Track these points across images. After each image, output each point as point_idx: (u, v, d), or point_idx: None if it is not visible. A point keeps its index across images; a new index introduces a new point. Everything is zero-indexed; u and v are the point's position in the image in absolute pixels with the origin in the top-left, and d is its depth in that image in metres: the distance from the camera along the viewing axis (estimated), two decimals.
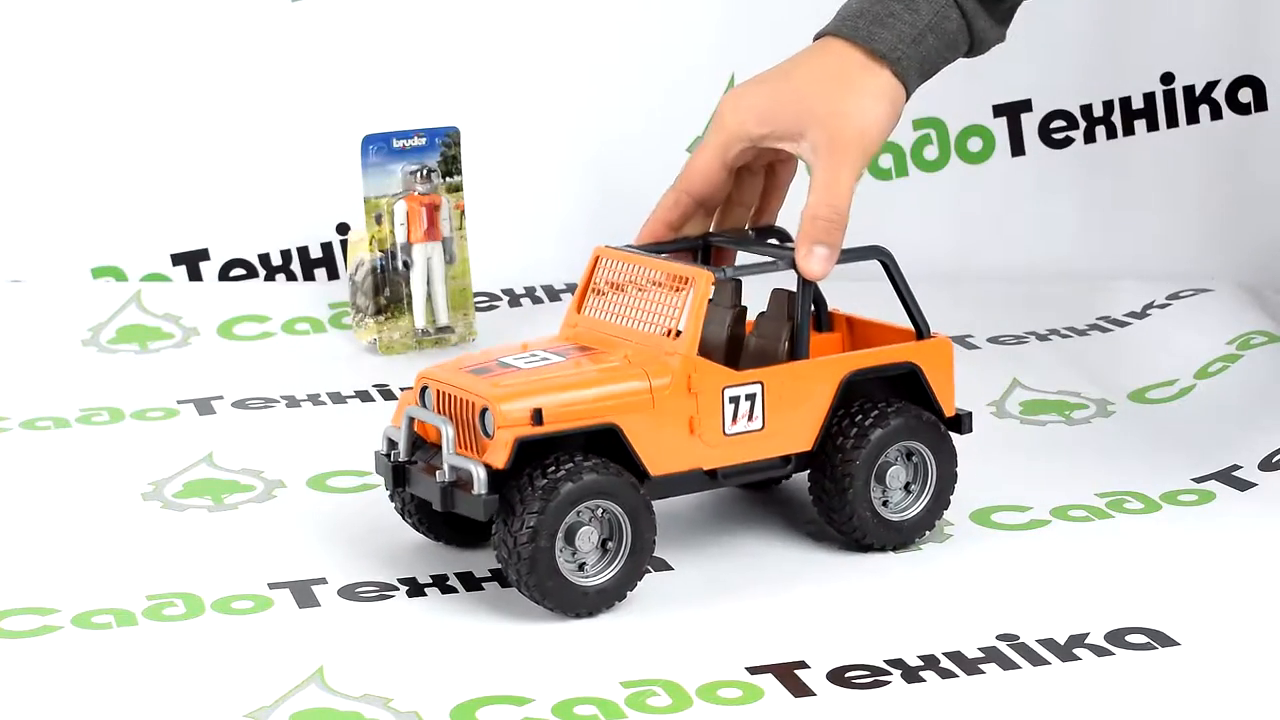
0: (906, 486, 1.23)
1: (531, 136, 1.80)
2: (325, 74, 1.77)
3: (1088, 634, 1.12)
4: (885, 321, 1.28)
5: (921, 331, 1.25)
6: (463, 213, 1.64)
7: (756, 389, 1.18)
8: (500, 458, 1.12)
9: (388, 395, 1.52)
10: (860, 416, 1.21)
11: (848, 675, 1.08)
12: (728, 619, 1.15)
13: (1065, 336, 1.66)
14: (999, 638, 1.12)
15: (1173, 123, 1.85)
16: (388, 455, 1.19)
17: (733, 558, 1.22)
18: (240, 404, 1.50)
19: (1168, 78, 1.84)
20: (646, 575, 1.20)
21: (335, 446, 1.40)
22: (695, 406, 1.17)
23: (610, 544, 1.15)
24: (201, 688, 1.06)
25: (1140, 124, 1.85)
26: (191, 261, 1.76)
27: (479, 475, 1.12)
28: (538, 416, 1.13)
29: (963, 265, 1.82)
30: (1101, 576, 1.20)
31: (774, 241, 1.27)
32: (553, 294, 1.74)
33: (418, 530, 1.23)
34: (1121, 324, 1.68)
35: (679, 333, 1.17)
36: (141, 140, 1.75)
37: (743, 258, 1.26)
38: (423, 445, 1.19)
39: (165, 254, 1.76)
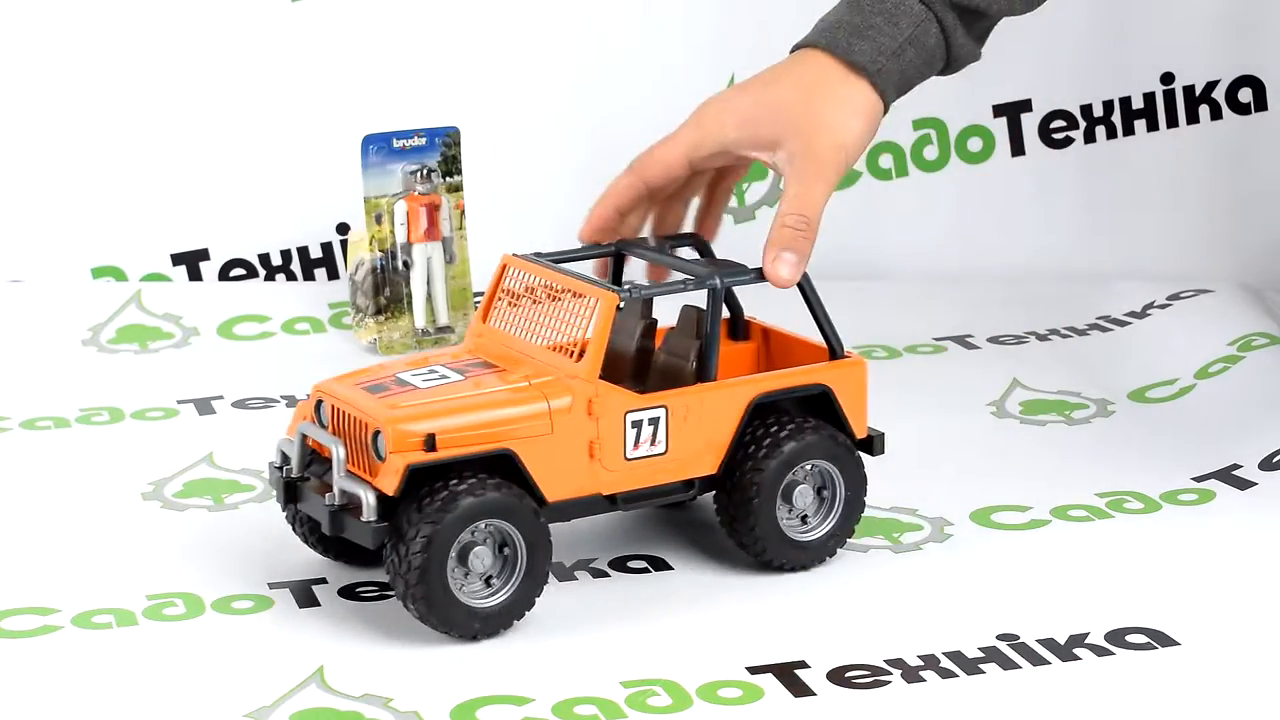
0: (817, 504, 1.20)
1: (531, 136, 1.80)
2: (325, 74, 1.77)
3: (1088, 634, 1.12)
4: (802, 336, 1.25)
5: (835, 351, 1.22)
6: (463, 213, 1.64)
7: (660, 413, 1.16)
8: (391, 484, 1.09)
9: None
10: (766, 434, 1.18)
11: (848, 675, 1.08)
12: (728, 619, 1.15)
13: (1065, 336, 1.66)
14: (999, 638, 1.12)
15: (1173, 123, 1.85)
16: (280, 469, 1.17)
17: (733, 558, 1.22)
18: (240, 404, 1.50)
19: (1168, 78, 1.84)
20: (647, 575, 1.20)
21: None
22: (596, 431, 1.14)
23: (505, 567, 1.12)
24: (201, 688, 1.06)
25: (1140, 124, 1.85)
26: (191, 261, 1.76)
27: (369, 501, 1.10)
28: (430, 442, 1.10)
29: (963, 265, 1.82)
30: (1101, 576, 1.20)
31: (689, 252, 1.25)
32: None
33: (307, 545, 1.20)
34: (1121, 324, 1.68)
35: (582, 353, 1.15)
36: (141, 140, 1.75)
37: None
38: (317, 459, 1.16)
39: (165, 254, 1.76)
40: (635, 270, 1.27)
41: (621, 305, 1.15)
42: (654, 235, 1.28)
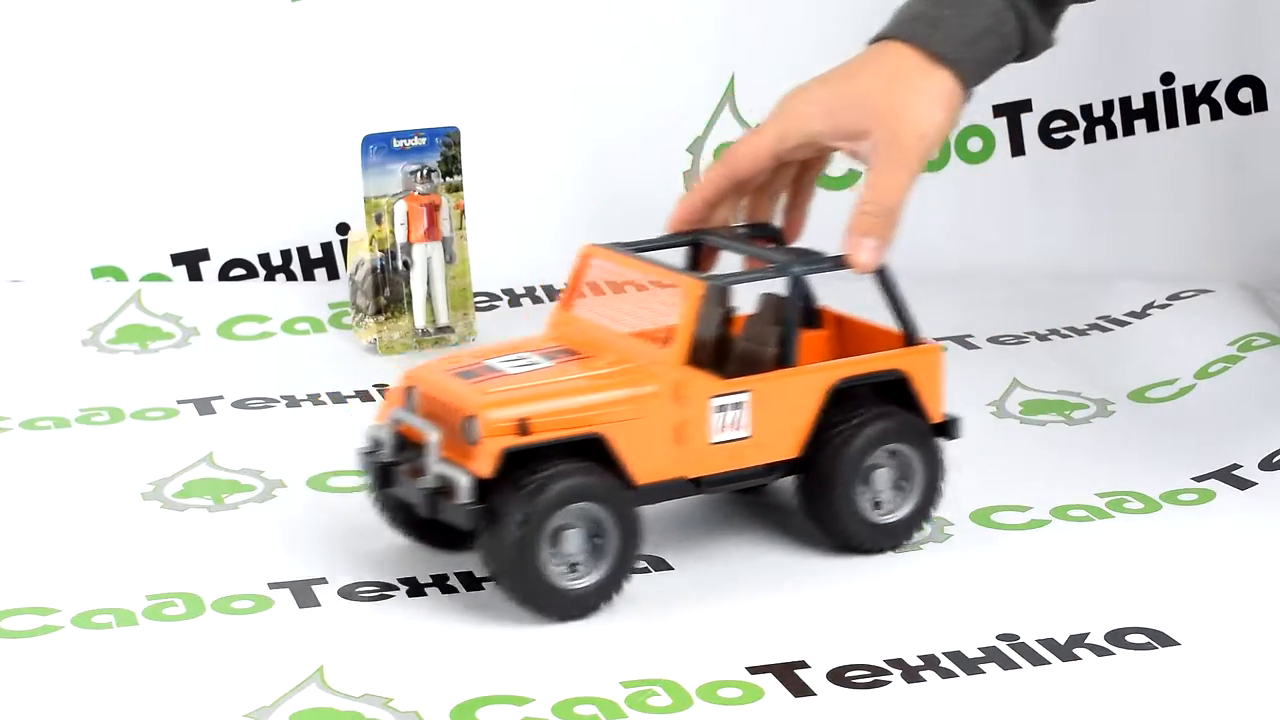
0: (895, 488, 1.23)
1: (531, 136, 1.80)
2: (325, 74, 1.77)
3: (1088, 634, 1.12)
4: (875, 322, 1.27)
5: (911, 337, 1.24)
6: (463, 213, 1.64)
7: (744, 397, 1.18)
8: (485, 467, 1.11)
9: None
10: (847, 421, 1.20)
11: (848, 675, 1.08)
12: (728, 619, 1.15)
13: (1065, 336, 1.66)
14: (999, 638, 1.12)
15: (1173, 123, 1.85)
16: (372, 454, 1.19)
17: (733, 558, 1.22)
18: (240, 404, 1.50)
19: (1168, 78, 1.84)
20: (647, 575, 1.20)
21: (335, 446, 1.40)
22: (682, 415, 1.16)
23: (596, 548, 1.14)
24: (201, 688, 1.06)
25: (1140, 124, 1.85)
26: (191, 261, 1.76)
27: (464, 484, 1.12)
28: (523, 427, 1.12)
29: (963, 265, 1.82)
30: (1101, 576, 1.21)
31: (767, 243, 1.27)
32: (552, 294, 1.73)
33: (395, 530, 1.22)
34: (1121, 324, 1.68)
35: (668, 340, 1.17)
36: (142, 140, 1.75)
37: (735, 260, 1.26)
38: (407, 445, 1.18)
39: (165, 254, 1.76)
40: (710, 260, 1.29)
41: (709, 294, 1.18)
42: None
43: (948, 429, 1.25)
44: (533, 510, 1.11)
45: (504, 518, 1.11)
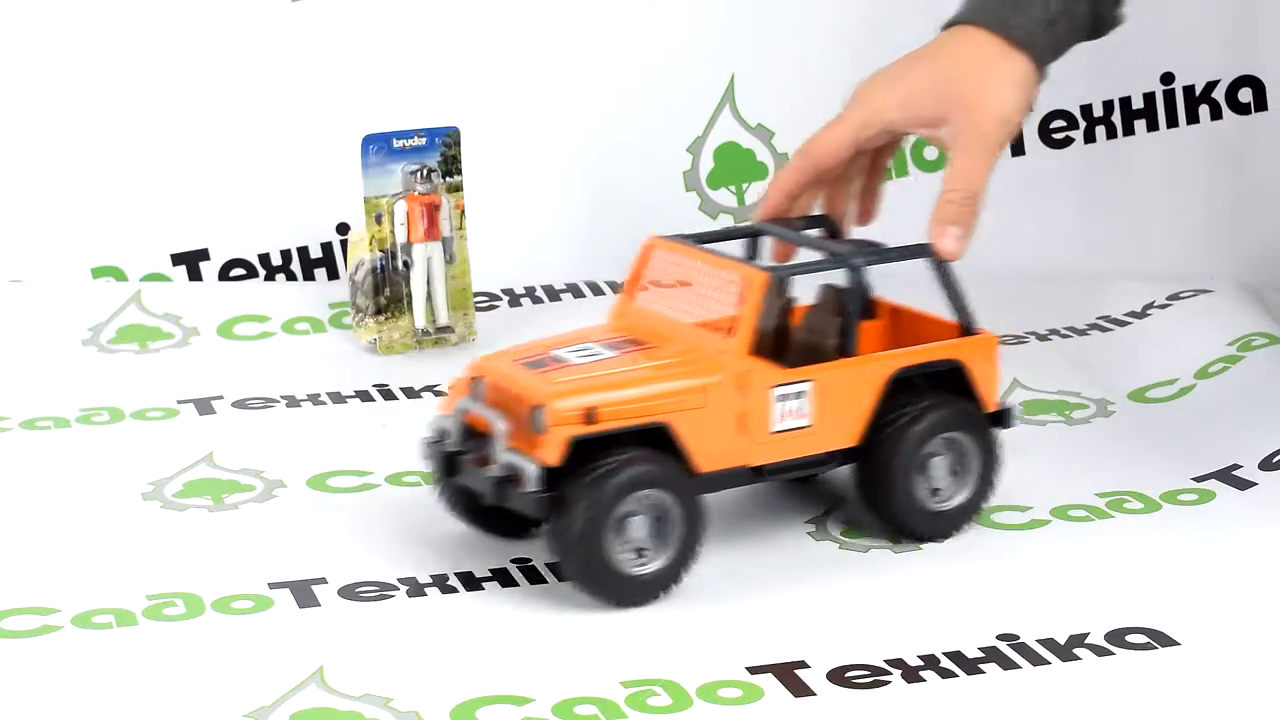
0: (951, 476, 1.24)
1: (531, 137, 1.80)
2: (325, 74, 1.77)
3: (1088, 634, 1.12)
4: (929, 313, 1.29)
5: (967, 327, 1.26)
6: (463, 213, 1.64)
7: (806, 387, 1.19)
8: (553, 455, 1.13)
9: (388, 395, 1.52)
10: (904, 410, 1.22)
11: (848, 675, 1.08)
12: (728, 619, 1.15)
13: (1065, 336, 1.66)
14: (999, 638, 1.12)
15: (1173, 123, 1.84)
16: (438, 443, 1.20)
17: (733, 558, 1.22)
18: (240, 404, 1.50)
19: (1168, 78, 1.84)
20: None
21: (335, 446, 1.40)
22: (745, 404, 1.18)
23: (661, 535, 1.16)
24: (201, 688, 1.06)
25: (1140, 124, 1.85)
26: (191, 261, 1.76)
27: (531, 472, 1.13)
28: (590, 416, 1.14)
29: (963, 265, 1.81)
30: (1101, 576, 1.21)
31: (822, 233, 1.29)
32: (553, 294, 1.73)
33: (459, 518, 1.23)
34: (1121, 324, 1.68)
35: (731, 330, 1.18)
36: (142, 140, 1.75)
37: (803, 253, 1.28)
38: (473, 434, 1.19)
39: (165, 254, 1.76)
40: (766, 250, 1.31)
41: (772, 284, 1.19)
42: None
43: (1002, 418, 1.27)
44: (599, 497, 1.12)
45: (570, 505, 1.12)
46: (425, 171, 1.62)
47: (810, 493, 1.32)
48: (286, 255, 1.77)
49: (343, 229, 1.77)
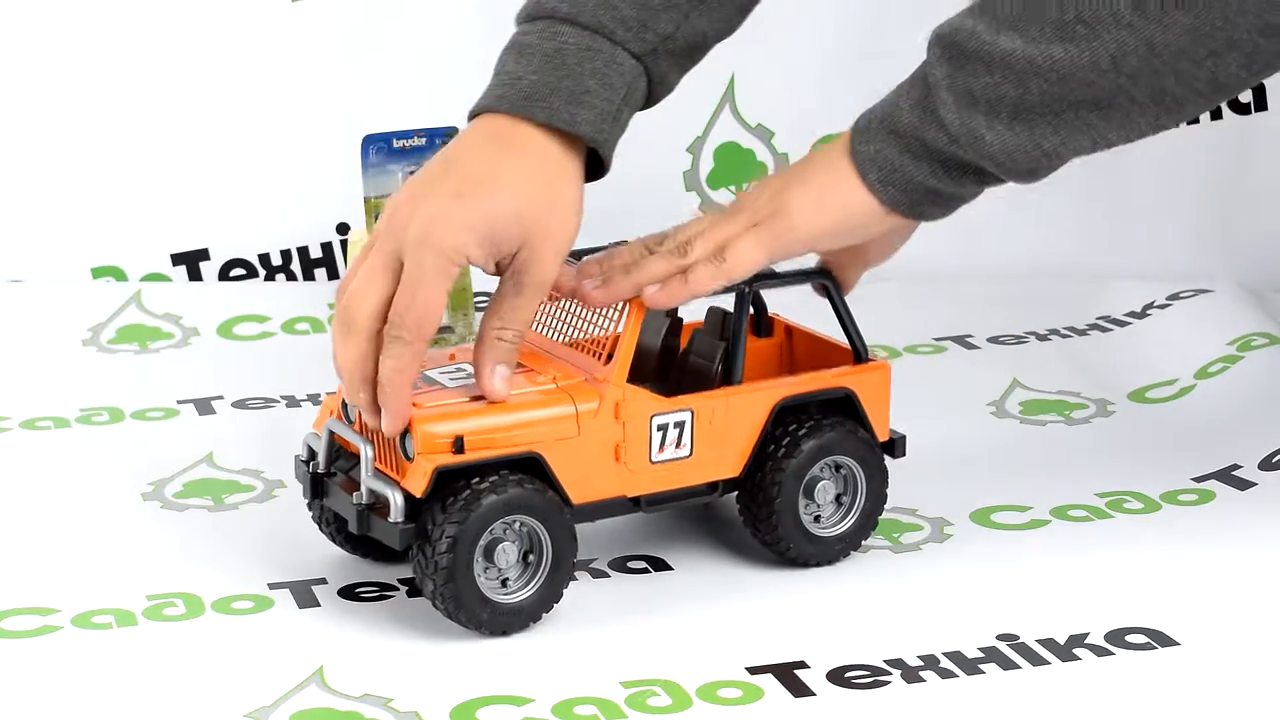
0: (836, 500, 1.21)
1: None
2: (325, 74, 1.77)
3: (1088, 634, 1.12)
4: (825, 335, 1.25)
5: (859, 354, 1.22)
6: None
7: (686, 416, 1.16)
8: (419, 486, 1.09)
9: None
10: (787, 435, 1.18)
11: (848, 675, 1.08)
12: (728, 619, 1.15)
13: (1065, 336, 1.66)
14: (999, 638, 1.12)
15: None
16: (307, 463, 1.17)
17: (733, 558, 1.22)
18: (240, 404, 1.50)
19: None
20: (647, 575, 1.20)
21: None
22: (622, 434, 1.14)
23: (530, 561, 1.12)
24: (201, 688, 1.06)
25: None
26: (191, 261, 1.76)
27: (397, 502, 1.10)
28: (459, 445, 1.10)
29: (963, 265, 1.82)
30: (1101, 576, 1.20)
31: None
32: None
33: (332, 541, 1.20)
34: (1121, 324, 1.67)
35: (609, 351, 1.14)
36: (142, 140, 1.75)
37: None
38: (344, 454, 1.16)
39: (165, 254, 1.76)
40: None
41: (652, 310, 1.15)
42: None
43: (893, 448, 1.23)
44: (463, 527, 1.08)
45: (434, 534, 1.09)
46: None
47: None
48: (286, 255, 1.77)
49: (343, 229, 1.77)
